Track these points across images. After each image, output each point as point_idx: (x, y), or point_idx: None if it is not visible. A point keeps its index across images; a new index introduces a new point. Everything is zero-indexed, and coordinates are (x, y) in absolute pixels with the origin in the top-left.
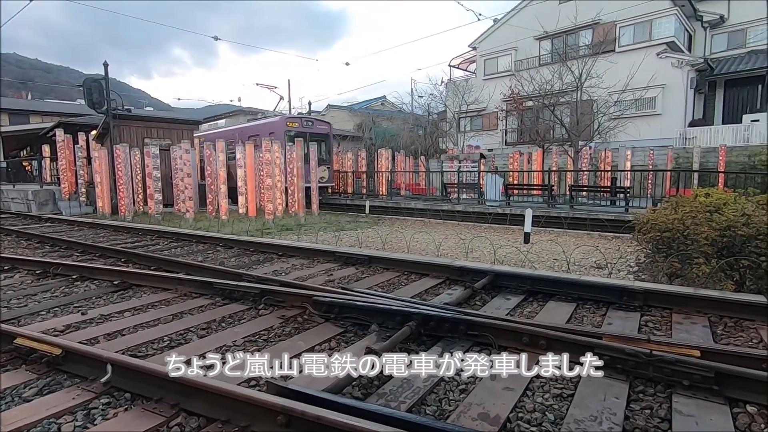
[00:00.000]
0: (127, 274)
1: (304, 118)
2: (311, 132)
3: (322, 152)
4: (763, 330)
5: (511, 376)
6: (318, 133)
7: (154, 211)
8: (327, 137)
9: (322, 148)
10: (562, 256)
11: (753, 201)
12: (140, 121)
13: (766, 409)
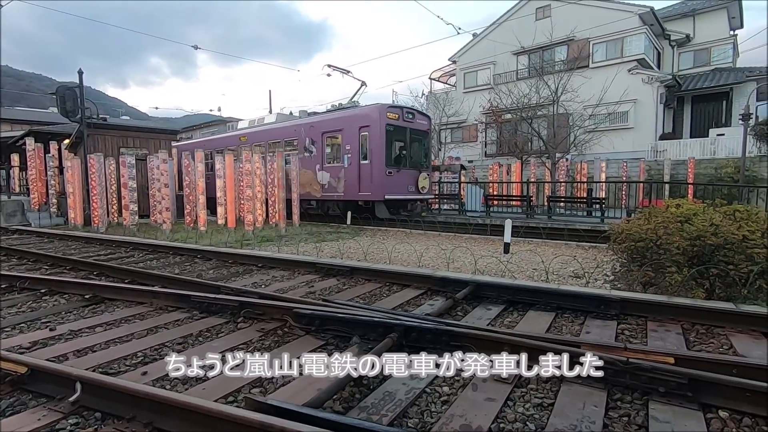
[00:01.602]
0: (100, 288)
1: (404, 108)
2: (412, 127)
3: (422, 154)
4: (732, 336)
5: (492, 386)
6: (419, 129)
7: (129, 222)
8: (427, 135)
9: (422, 148)
10: (541, 266)
11: (721, 212)
12: (116, 130)
13: (737, 414)
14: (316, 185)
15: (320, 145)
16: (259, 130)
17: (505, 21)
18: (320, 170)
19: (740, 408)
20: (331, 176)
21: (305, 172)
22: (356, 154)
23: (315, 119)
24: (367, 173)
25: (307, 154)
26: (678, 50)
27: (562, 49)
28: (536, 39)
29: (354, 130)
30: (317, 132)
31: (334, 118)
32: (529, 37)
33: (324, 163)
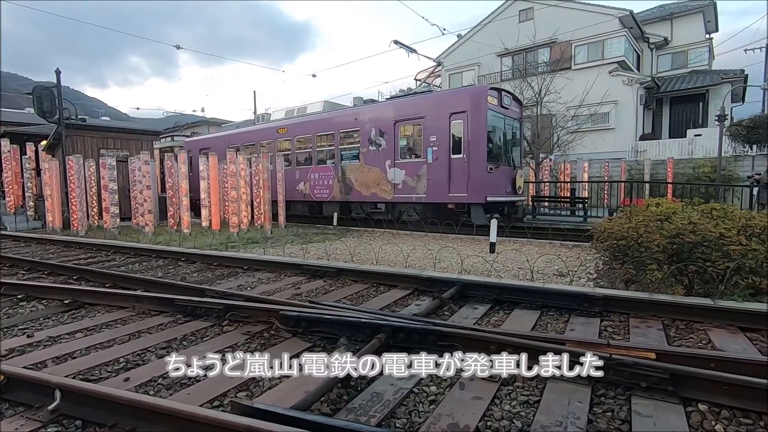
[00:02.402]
0: (79, 293)
1: (502, 91)
2: (507, 115)
3: (517, 147)
4: (710, 331)
5: (479, 384)
6: (513, 117)
7: (110, 225)
8: (521, 124)
9: (515, 140)
10: (526, 265)
11: (698, 210)
12: (96, 131)
13: (716, 407)
14: (385, 185)
15: (392, 136)
16: (302, 121)
17: (489, 23)
18: (391, 167)
19: (718, 401)
20: (407, 174)
21: (369, 170)
22: (445, 146)
23: (385, 105)
24: (461, 170)
25: (372, 147)
26: (657, 53)
27: (545, 51)
28: (520, 41)
29: (442, 118)
30: (388, 121)
31: (413, 104)
32: (513, 38)
33: (397, 158)
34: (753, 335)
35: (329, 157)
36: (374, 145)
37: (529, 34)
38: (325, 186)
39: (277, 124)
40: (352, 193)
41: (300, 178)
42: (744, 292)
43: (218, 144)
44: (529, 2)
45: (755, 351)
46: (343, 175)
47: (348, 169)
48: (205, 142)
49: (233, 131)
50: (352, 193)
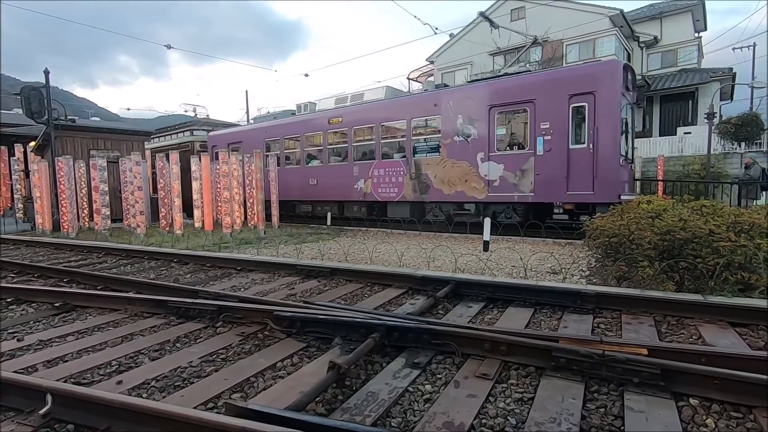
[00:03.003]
0: (70, 295)
1: (630, 68)
2: (629, 99)
3: (630, 136)
4: (701, 326)
5: (474, 382)
6: (632, 101)
7: (101, 227)
8: (634, 109)
9: (631, 129)
10: (519, 263)
11: (688, 207)
12: (86, 132)
13: (707, 401)
14: (475, 182)
15: (486, 124)
16: (362, 109)
17: (481, 22)
18: (485, 161)
19: (709, 395)
20: (506, 169)
21: (453, 165)
22: (562, 135)
23: (475, 88)
24: (585, 163)
25: (459, 138)
26: (646, 51)
27: (536, 50)
28: (511, 40)
29: (558, 100)
30: (480, 106)
31: (517, 85)
32: (505, 38)
33: (492, 149)
34: (742, 330)
35: (398, 151)
36: (461, 135)
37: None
38: (392, 184)
39: (327, 113)
40: (429, 192)
41: (359, 175)
42: (733, 287)
43: (252, 137)
44: (521, 1)
45: (744, 345)
46: (417, 171)
47: (424, 163)
48: (235, 136)
49: (270, 123)
50: (430, 191)
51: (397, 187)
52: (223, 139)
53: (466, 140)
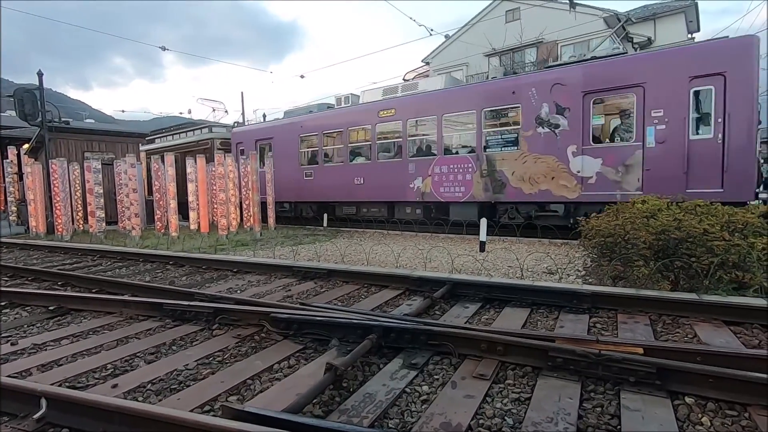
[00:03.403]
0: (65, 299)
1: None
2: None
3: None
4: (696, 325)
5: (471, 383)
6: None
7: (95, 230)
8: None
9: None
10: (516, 264)
11: (683, 207)
12: (80, 134)
13: (702, 400)
14: (565, 179)
15: (579, 113)
16: (420, 100)
17: (476, 23)
18: (578, 154)
19: (705, 393)
20: (605, 163)
21: (536, 159)
22: (680, 123)
23: (565, 72)
24: (710, 156)
25: (543, 129)
26: (640, 52)
27: (531, 51)
28: (506, 41)
29: (675, 84)
30: (572, 92)
31: (621, 67)
32: (500, 39)
33: (587, 142)
34: (737, 328)
35: (463, 145)
36: (547, 126)
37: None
38: (457, 182)
39: (376, 105)
40: (505, 191)
41: (416, 173)
42: (728, 286)
43: (285, 132)
44: (516, 3)
45: (739, 344)
46: (489, 167)
47: (498, 159)
48: (265, 132)
49: (307, 117)
50: (506, 190)
51: (464, 186)
52: (250, 135)
53: (554, 132)
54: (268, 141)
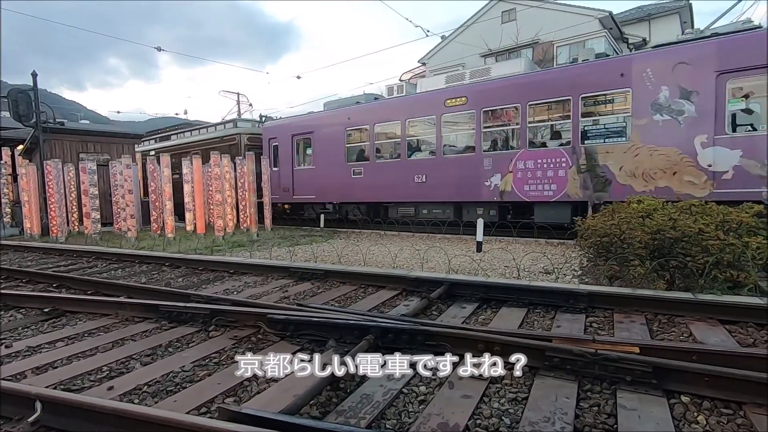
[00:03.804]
0: (60, 300)
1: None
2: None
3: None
4: (691, 324)
5: (468, 383)
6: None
7: (91, 231)
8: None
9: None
10: (512, 264)
11: (678, 207)
12: (75, 135)
13: (698, 398)
14: (692, 174)
15: (712, 96)
16: (499, 86)
17: (472, 24)
18: (709, 145)
19: (700, 392)
20: (745, 155)
21: (653, 152)
22: None
23: (696, 49)
24: None
25: (663, 117)
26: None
27: (527, 52)
28: (503, 42)
29: None
30: (701, 73)
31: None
32: (496, 39)
33: (722, 130)
34: (732, 327)
35: (554, 136)
36: (667, 112)
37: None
38: (546, 179)
39: (442, 93)
40: (610, 189)
41: (493, 169)
42: (723, 285)
43: (328, 126)
44: (512, 3)
45: (734, 343)
46: (589, 161)
47: (601, 152)
48: (303, 125)
49: (355, 108)
50: (611, 188)
51: (556, 183)
52: (286, 130)
53: (676, 120)
54: (306, 136)
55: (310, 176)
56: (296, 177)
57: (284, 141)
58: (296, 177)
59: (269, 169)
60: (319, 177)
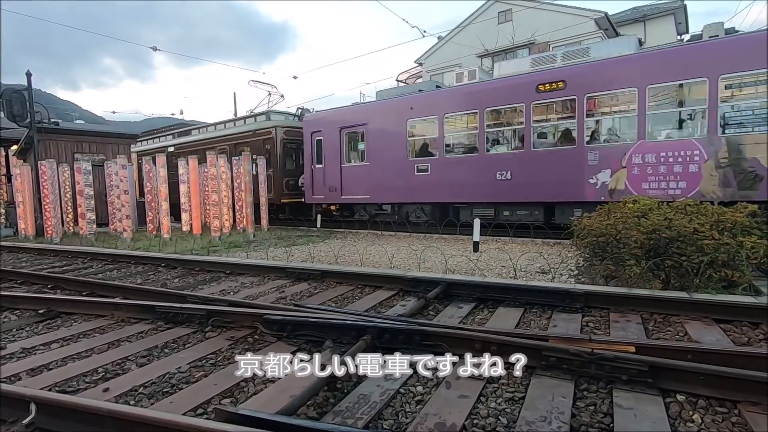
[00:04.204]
0: (55, 302)
1: None
2: None
3: None
4: (687, 323)
5: (465, 383)
6: None
7: (86, 232)
8: None
9: None
10: (509, 263)
11: (673, 206)
12: (70, 135)
13: (693, 397)
14: None
15: None
16: (608, 66)
17: (468, 24)
18: None
19: (696, 391)
20: None
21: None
22: None
23: None
24: None
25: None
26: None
27: (524, 52)
28: (499, 42)
29: None
30: None
31: None
32: (492, 40)
33: None
34: (726, 326)
35: (679, 125)
36: None
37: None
38: (673, 175)
39: (530, 77)
40: (760, 186)
41: (599, 164)
42: (717, 284)
43: (385, 117)
44: (508, 4)
45: (729, 341)
46: (732, 154)
47: (748, 143)
48: (354, 116)
49: (417, 96)
50: (762, 185)
51: (686, 179)
52: (333, 122)
53: None
54: (358, 128)
55: (362, 174)
56: (345, 175)
57: (331, 135)
58: (345, 175)
59: (311, 165)
60: (374, 175)
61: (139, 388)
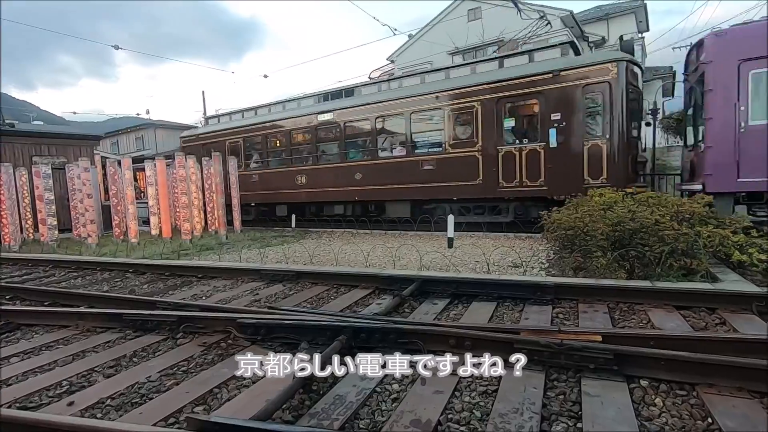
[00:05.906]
0: (14, 313)
1: None
2: None
3: None
4: (650, 311)
5: (441, 379)
6: None
7: (47, 238)
8: None
9: None
10: (482, 258)
11: (636, 199)
12: (27, 137)
13: (655, 382)
14: None
15: None
16: None
17: (438, 22)
18: None
19: (657, 376)
20: None
21: None
22: None
23: None
24: None
25: None
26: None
27: (493, 49)
28: (469, 40)
29: None
30: None
31: None
32: (462, 38)
33: None
34: (686, 312)
35: None
36: None
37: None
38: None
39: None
40: (231, 198)
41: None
42: (678, 273)
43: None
44: (477, 2)
45: (688, 327)
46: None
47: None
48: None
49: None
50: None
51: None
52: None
53: None
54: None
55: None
56: (148, 187)
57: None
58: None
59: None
60: None
61: (106, 400)
